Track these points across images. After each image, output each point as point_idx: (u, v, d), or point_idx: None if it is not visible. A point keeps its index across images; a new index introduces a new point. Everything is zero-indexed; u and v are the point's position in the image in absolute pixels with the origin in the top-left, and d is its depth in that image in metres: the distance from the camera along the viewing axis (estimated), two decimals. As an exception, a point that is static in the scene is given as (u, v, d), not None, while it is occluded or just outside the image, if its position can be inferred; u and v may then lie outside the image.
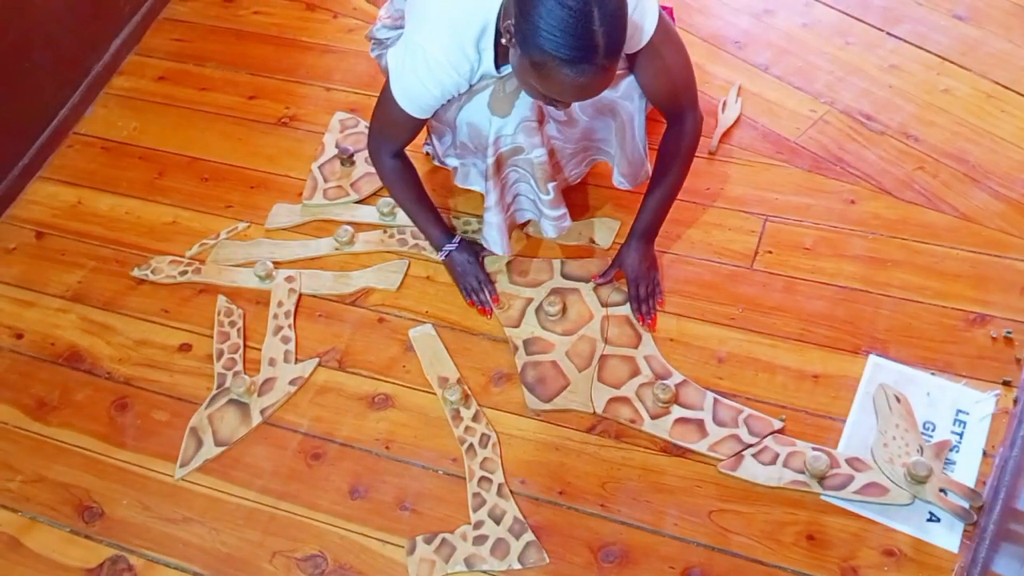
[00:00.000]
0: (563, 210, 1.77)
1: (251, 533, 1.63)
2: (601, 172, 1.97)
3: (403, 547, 1.58)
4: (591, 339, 1.79)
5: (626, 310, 1.82)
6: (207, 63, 2.42)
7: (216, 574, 1.59)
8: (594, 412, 1.69)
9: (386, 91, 1.64)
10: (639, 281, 1.80)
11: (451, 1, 1.52)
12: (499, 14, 1.48)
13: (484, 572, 1.55)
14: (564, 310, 1.82)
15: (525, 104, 1.60)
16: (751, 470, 1.60)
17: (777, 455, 1.60)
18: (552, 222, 1.78)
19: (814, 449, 1.60)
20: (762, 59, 2.22)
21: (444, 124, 1.75)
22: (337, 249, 1.99)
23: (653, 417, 1.68)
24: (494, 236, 1.79)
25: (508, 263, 1.91)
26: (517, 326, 1.82)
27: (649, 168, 1.80)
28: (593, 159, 1.85)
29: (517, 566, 1.54)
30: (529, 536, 1.57)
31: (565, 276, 1.88)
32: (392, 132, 1.72)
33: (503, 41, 1.45)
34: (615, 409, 1.69)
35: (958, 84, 2.13)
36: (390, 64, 1.61)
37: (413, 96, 1.60)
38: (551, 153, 1.70)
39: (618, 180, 1.82)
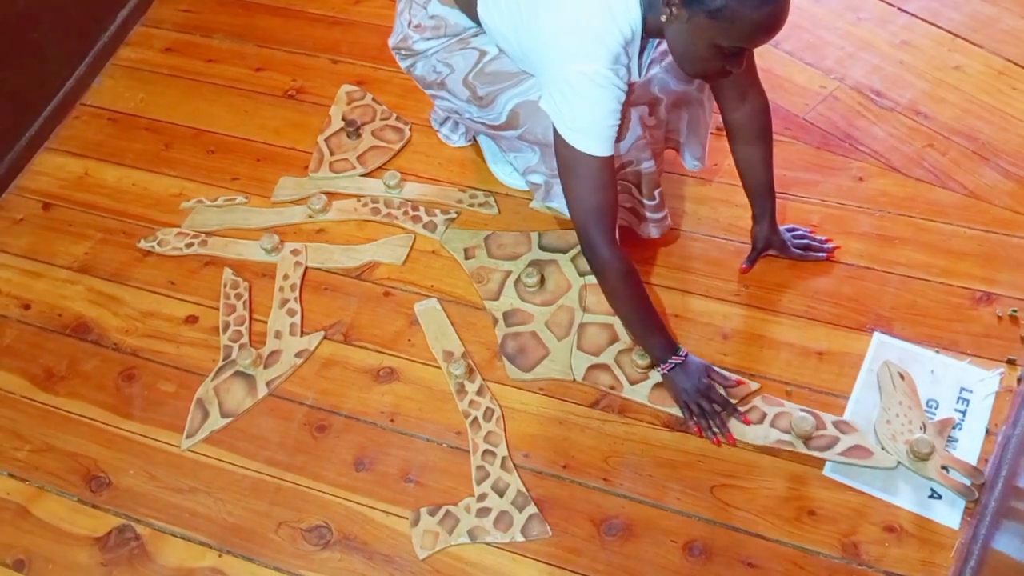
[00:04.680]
0: (665, 211, 1.76)
1: (257, 503, 1.64)
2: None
3: (407, 519, 1.60)
4: (570, 309, 1.80)
5: None
6: (214, 34, 2.41)
7: (222, 543, 1.60)
8: (574, 379, 1.71)
9: (565, 155, 1.48)
10: (790, 243, 1.80)
11: (581, 17, 1.41)
12: (645, 7, 1.40)
13: (487, 544, 1.56)
14: (542, 281, 1.84)
15: (637, 123, 1.57)
16: (738, 429, 1.62)
17: (765, 415, 1.63)
18: (656, 224, 1.76)
19: (801, 410, 1.62)
20: (772, 34, 2.20)
21: (531, 142, 1.64)
22: (311, 217, 2.00)
23: (632, 383, 1.70)
24: None
25: (486, 237, 1.91)
26: (496, 299, 1.84)
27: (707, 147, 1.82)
28: (664, 148, 1.82)
29: (520, 538, 1.56)
30: (532, 509, 1.58)
31: (543, 248, 1.89)
32: (597, 200, 1.50)
33: (662, 19, 1.37)
34: (595, 376, 1.71)
35: (969, 61, 2.11)
36: (553, 119, 1.46)
37: (595, 131, 1.44)
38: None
39: (693, 164, 1.83)
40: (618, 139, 1.51)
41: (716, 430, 1.61)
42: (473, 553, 1.55)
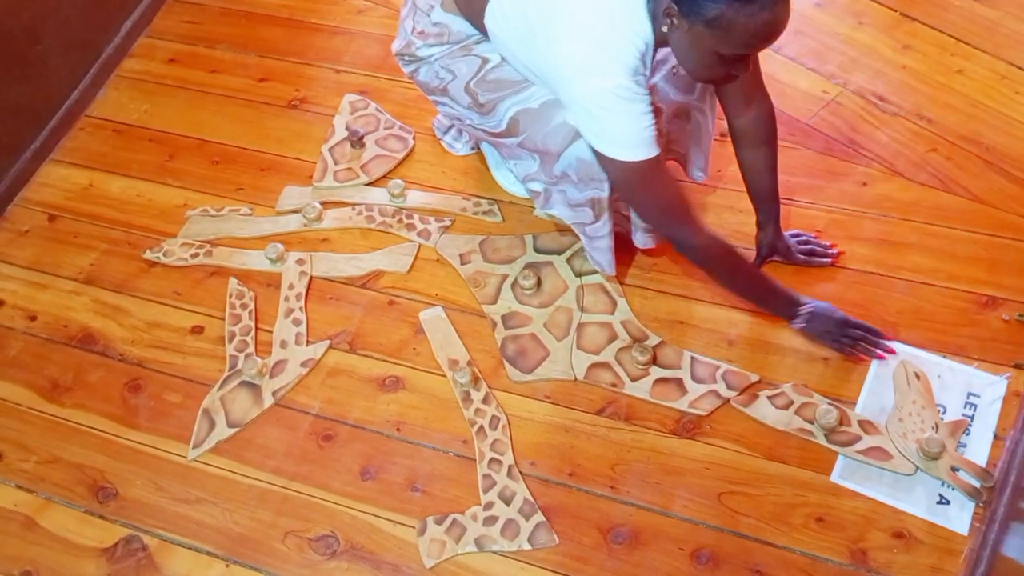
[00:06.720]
0: None
1: (263, 513, 1.64)
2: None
3: (414, 528, 1.59)
4: (567, 309, 1.81)
5: (599, 278, 1.84)
6: (217, 45, 2.42)
7: (229, 554, 1.60)
8: (575, 379, 1.72)
9: (614, 169, 1.51)
10: (795, 248, 1.81)
11: (595, 35, 1.42)
12: (652, 18, 1.41)
13: (494, 552, 1.56)
14: (539, 283, 1.84)
15: None
16: (762, 410, 1.64)
17: (791, 402, 1.64)
18: (648, 234, 1.73)
19: (828, 403, 1.63)
20: (774, 40, 2.21)
21: (531, 150, 1.63)
22: (305, 226, 2.00)
23: (633, 379, 1.71)
24: (607, 259, 1.74)
25: (481, 242, 1.92)
26: (494, 303, 1.84)
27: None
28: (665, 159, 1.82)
29: (527, 547, 1.55)
30: (539, 517, 1.58)
31: (538, 250, 1.90)
32: (665, 200, 1.54)
33: (664, 29, 1.39)
34: (596, 374, 1.72)
35: (973, 65, 2.11)
36: (587, 139, 1.49)
37: (635, 139, 1.46)
38: None
39: (698, 175, 1.84)
40: None
41: (877, 350, 1.67)
42: (480, 562, 1.55)
